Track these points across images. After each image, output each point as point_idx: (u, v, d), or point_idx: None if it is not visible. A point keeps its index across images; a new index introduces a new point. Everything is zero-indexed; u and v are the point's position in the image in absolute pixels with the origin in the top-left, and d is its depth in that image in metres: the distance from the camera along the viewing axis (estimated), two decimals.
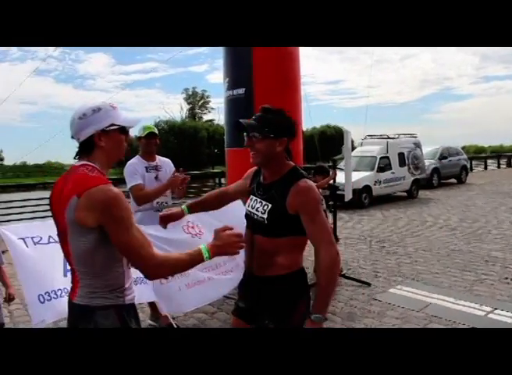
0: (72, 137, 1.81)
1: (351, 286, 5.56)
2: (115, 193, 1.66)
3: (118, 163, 1.98)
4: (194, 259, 1.78)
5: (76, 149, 1.81)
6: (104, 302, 1.75)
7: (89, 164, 1.77)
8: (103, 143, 1.78)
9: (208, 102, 71.29)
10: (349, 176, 5.74)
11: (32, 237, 3.05)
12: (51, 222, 3.45)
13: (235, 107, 5.65)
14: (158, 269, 1.73)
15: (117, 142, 1.83)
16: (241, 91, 5.47)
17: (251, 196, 2.32)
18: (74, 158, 1.82)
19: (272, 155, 2.14)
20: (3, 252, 3.40)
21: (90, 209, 1.62)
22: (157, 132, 4.21)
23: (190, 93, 70.20)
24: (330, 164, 6.48)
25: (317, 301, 2.09)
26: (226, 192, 2.72)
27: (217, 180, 17.36)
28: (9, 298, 3.38)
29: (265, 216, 2.13)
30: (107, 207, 1.63)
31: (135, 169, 3.99)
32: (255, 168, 2.41)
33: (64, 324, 1.94)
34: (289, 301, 2.18)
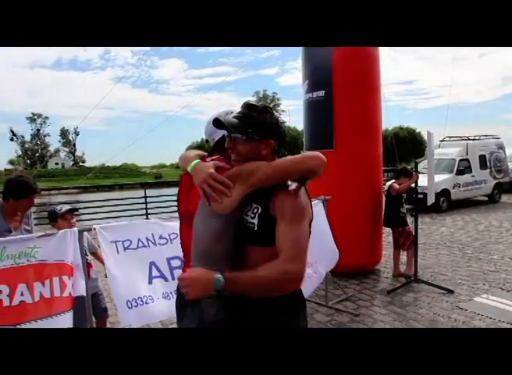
0: (207, 141, 2.03)
1: (432, 292, 5.38)
2: None
3: None
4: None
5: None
6: None
7: (221, 158, 1.91)
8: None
9: (278, 105, 71.77)
10: (432, 180, 5.57)
11: (123, 241, 3.24)
12: (140, 222, 3.68)
13: (314, 109, 5.68)
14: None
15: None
16: (321, 93, 5.49)
17: None
18: (208, 156, 1.98)
19: (256, 158, 1.81)
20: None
21: None
22: None
23: (261, 95, 71.09)
24: (411, 167, 6.31)
25: (242, 277, 1.65)
26: None
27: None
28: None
29: (255, 221, 1.78)
30: None
31: None
32: None
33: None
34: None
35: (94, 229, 3.25)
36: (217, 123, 1.83)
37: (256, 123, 1.79)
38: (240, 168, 1.79)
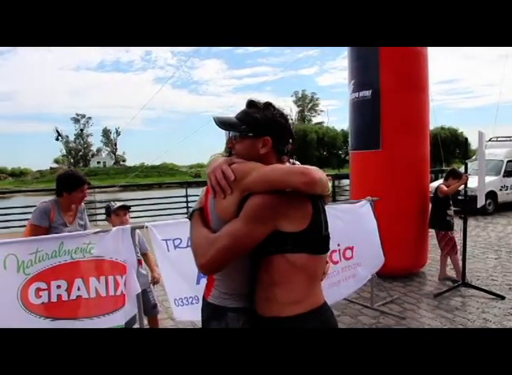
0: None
1: (482, 298, 5.21)
2: None
3: None
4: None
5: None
6: (236, 304, 1.77)
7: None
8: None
9: (317, 105, 71.45)
10: (482, 181, 5.40)
11: (173, 240, 3.30)
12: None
13: (361, 109, 5.62)
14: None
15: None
16: (367, 93, 5.43)
17: None
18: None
19: (255, 157, 1.70)
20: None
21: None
22: None
23: (300, 95, 70.90)
24: (459, 168, 6.15)
25: (197, 230, 1.77)
26: None
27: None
28: (154, 282, 3.73)
29: None
30: None
31: None
32: None
33: None
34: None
35: (146, 227, 3.32)
36: (216, 122, 1.76)
37: (251, 119, 1.71)
38: (234, 169, 1.68)
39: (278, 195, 1.58)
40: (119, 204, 3.86)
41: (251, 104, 1.77)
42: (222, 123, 1.76)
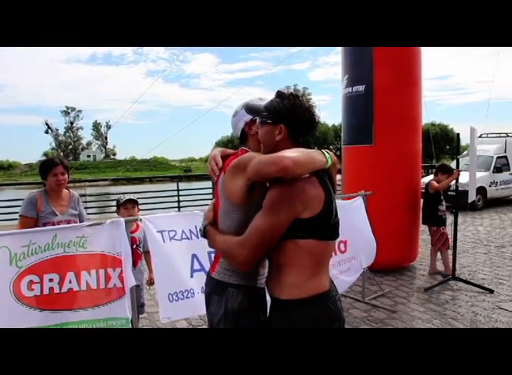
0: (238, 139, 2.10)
1: (471, 291, 5.28)
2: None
3: None
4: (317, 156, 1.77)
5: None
6: (237, 281, 1.89)
7: (245, 150, 2.00)
8: (253, 131, 1.99)
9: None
10: (473, 177, 5.45)
11: (169, 231, 3.28)
12: (184, 214, 3.72)
13: (354, 104, 5.63)
14: (288, 159, 1.62)
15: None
16: (361, 87, 5.44)
17: None
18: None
19: (272, 144, 1.79)
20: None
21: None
22: None
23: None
24: (450, 163, 6.19)
25: (213, 234, 1.89)
26: None
27: None
28: (150, 282, 3.71)
29: None
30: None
31: None
32: None
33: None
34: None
35: (141, 220, 3.31)
36: (247, 108, 1.97)
37: (272, 107, 1.79)
38: (238, 159, 1.83)
39: (294, 184, 1.65)
40: (127, 197, 3.84)
41: (278, 94, 1.82)
42: (249, 108, 1.94)
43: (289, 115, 1.76)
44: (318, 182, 1.70)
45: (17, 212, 3.55)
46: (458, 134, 5.58)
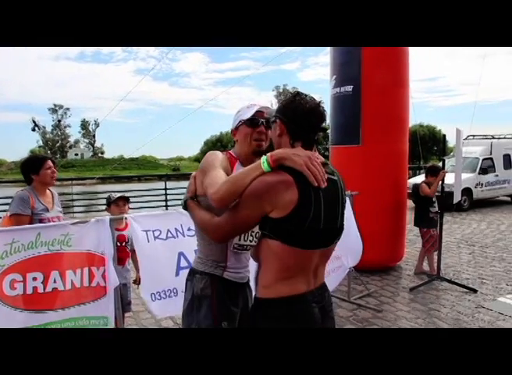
0: (234, 134, 2.22)
1: (456, 291, 5.34)
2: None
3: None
4: (251, 171, 1.69)
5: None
6: (203, 268, 2.08)
7: (229, 152, 2.16)
8: (236, 137, 2.16)
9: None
10: (459, 177, 5.50)
11: (153, 231, 3.27)
12: (169, 213, 3.70)
13: (342, 104, 5.66)
14: (218, 192, 1.72)
15: (244, 135, 2.11)
16: (349, 88, 5.46)
17: None
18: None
19: (275, 141, 1.83)
20: None
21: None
22: None
23: (281, 90, 70.96)
24: (438, 164, 6.25)
25: (198, 215, 1.94)
26: None
27: None
28: (139, 282, 3.70)
29: None
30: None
31: None
32: None
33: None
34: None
35: (126, 218, 3.30)
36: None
37: (281, 105, 1.82)
38: (205, 160, 2.03)
39: (269, 182, 1.64)
40: (118, 194, 3.87)
41: (294, 94, 1.84)
42: (269, 114, 2.02)
43: (285, 110, 1.77)
44: (295, 184, 1.62)
45: (2, 210, 3.51)
46: (444, 136, 5.64)
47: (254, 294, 1.85)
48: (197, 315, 2.04)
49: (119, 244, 3.35)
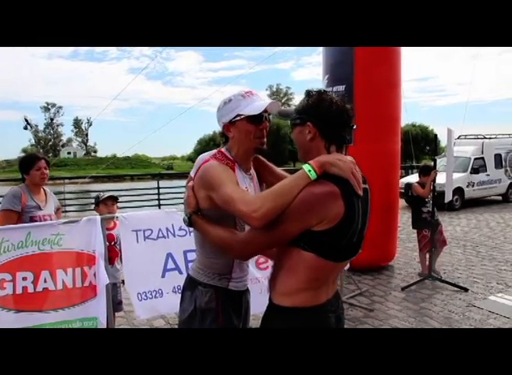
0: (222, 134, 1.97)
1: (447, 290, 5.37)
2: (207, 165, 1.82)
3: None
4: (298, 181, 1.54)
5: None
6: (206, 280, 1.91)
7: (222, 151, 1.92)
8: (231, 134, 1.89)
9: (291, 99, 71.63)
10: (450, 177, 5.53)
11: (144, 230, 3.26)
12: (162, 212, 3.70)
13: None
14: (260, 209, 1.52)
15: (244, 132, 1.86)
16: (341, 87, 5.47)
17: None
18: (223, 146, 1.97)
19: (306, 145, 1.68)
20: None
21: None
22: None
23: (274, 89, 71.05)
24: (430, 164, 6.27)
25: (203, 225, 1.79)
26: None
27: None
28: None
29: None
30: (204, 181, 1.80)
31: None
32: None
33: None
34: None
35: (117, 217, 3.29)
36: (279, 115, 1.89)
37: (300, 107, 1.70)
38: (203, 172, 1.82)
39: (317, 195, 1.53)
40: (107, 194, 3.90)
41: (306, 93, 1.72)
42: (281, 115, 1.86)
43: (315, 110, 1.63)
44: (341, 195, 1.53)
45: None
46: (436, 135, 5.66)
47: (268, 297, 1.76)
48: (199, 326, 1.91)
49: (108, 244, 3.34)
